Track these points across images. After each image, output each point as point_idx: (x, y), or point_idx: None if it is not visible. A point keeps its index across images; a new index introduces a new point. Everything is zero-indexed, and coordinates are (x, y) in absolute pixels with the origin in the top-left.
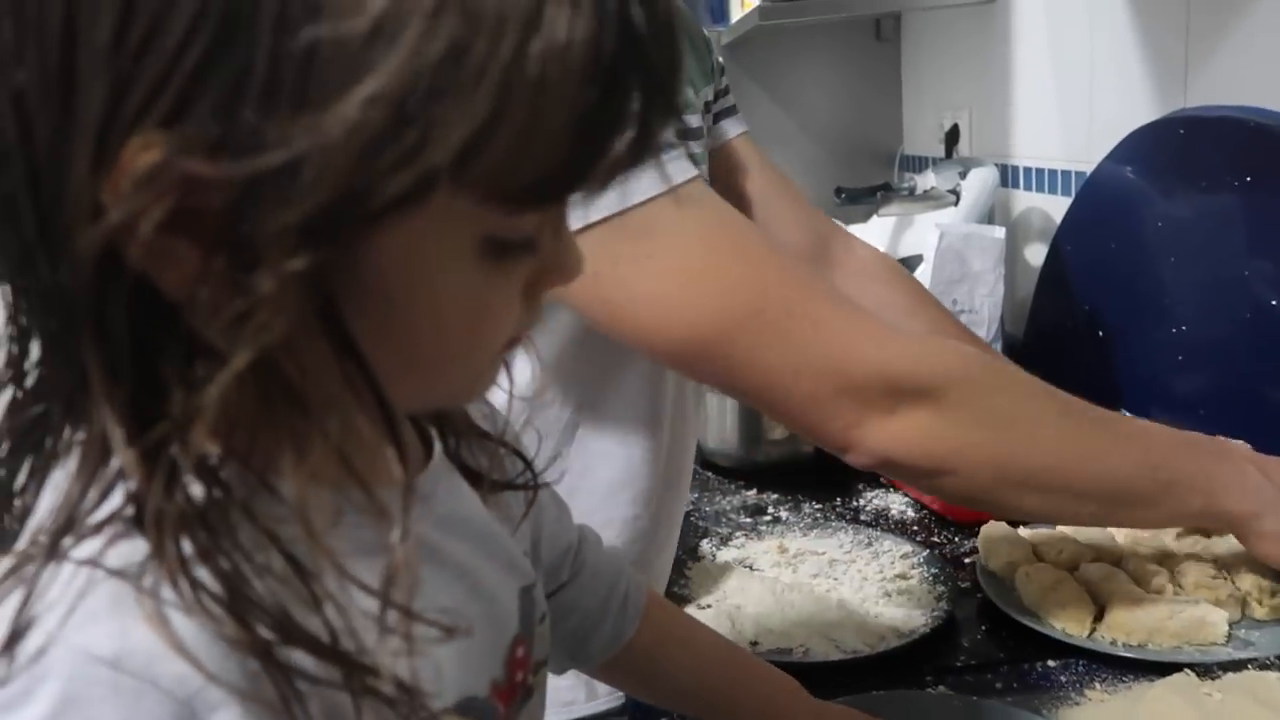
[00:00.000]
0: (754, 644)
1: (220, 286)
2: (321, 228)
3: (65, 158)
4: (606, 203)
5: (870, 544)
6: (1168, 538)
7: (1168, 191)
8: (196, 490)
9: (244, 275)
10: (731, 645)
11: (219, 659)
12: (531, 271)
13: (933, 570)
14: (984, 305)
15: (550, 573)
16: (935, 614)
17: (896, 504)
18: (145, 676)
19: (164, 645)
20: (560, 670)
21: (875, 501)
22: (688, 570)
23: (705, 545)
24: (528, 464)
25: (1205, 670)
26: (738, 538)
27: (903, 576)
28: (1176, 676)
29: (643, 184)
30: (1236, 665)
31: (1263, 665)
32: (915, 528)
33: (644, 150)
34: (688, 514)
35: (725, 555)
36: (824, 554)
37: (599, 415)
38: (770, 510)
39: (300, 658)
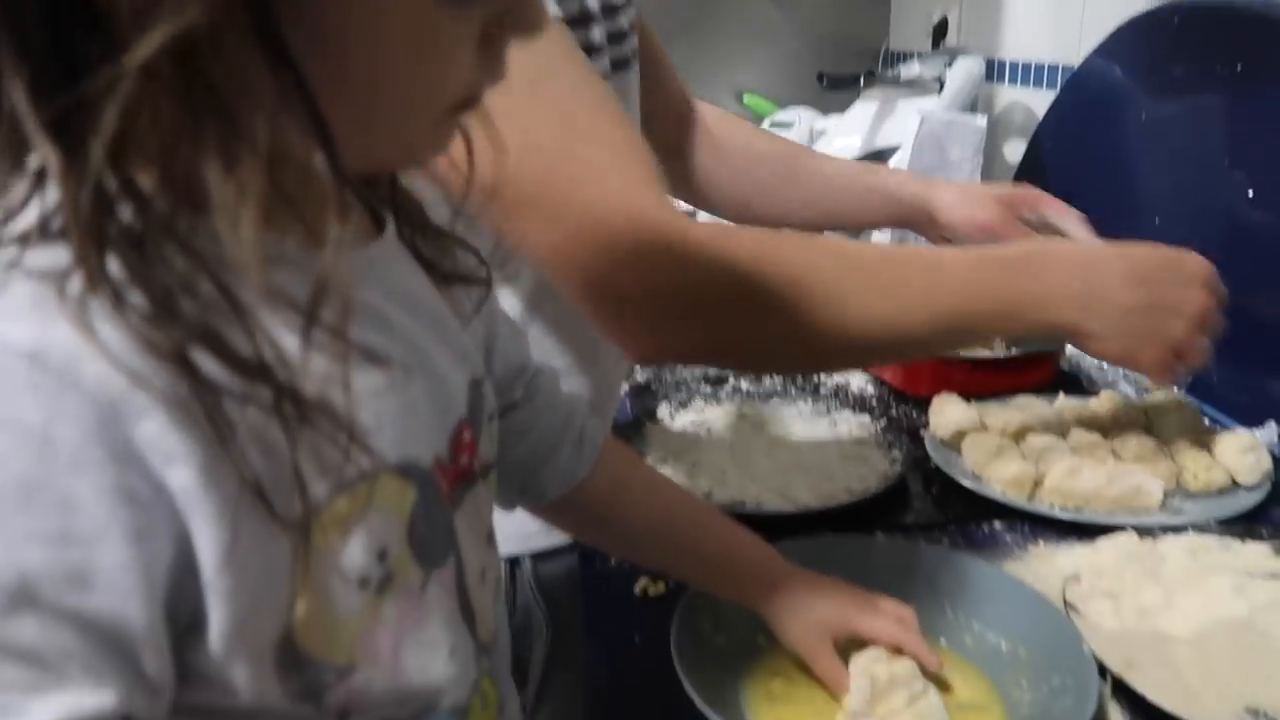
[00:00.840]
0: (707, 495)
1: None
2: None
3: None
4: None
5: (829, 413)
6: (1110, 415)
7: (1155, 85)
8: (126, 214)
9: None
10: (694, 497)
11: (144, 366)
12: (490, 18)
13: (887, 438)
14: None
15: (501, 388)
16: (887, 477)
17: (856, 381)
18: (66, 374)
19: (86, 345)
20: (509, 506)
21: (835, 378)
22: (645, 430)
23: (663, 409)
24: (480, 259)
25: (1146, 531)
26: (696, 402)
27: (858, 443)
28: (1120, 535)
29: None
30: (1177, 529)
31: (1202, 530)
32: (873, 402)
33: None
34: (646, 382)
35: (684, 419)
36: (783, 421)
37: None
38: (731, 381)
39: (226, 377)
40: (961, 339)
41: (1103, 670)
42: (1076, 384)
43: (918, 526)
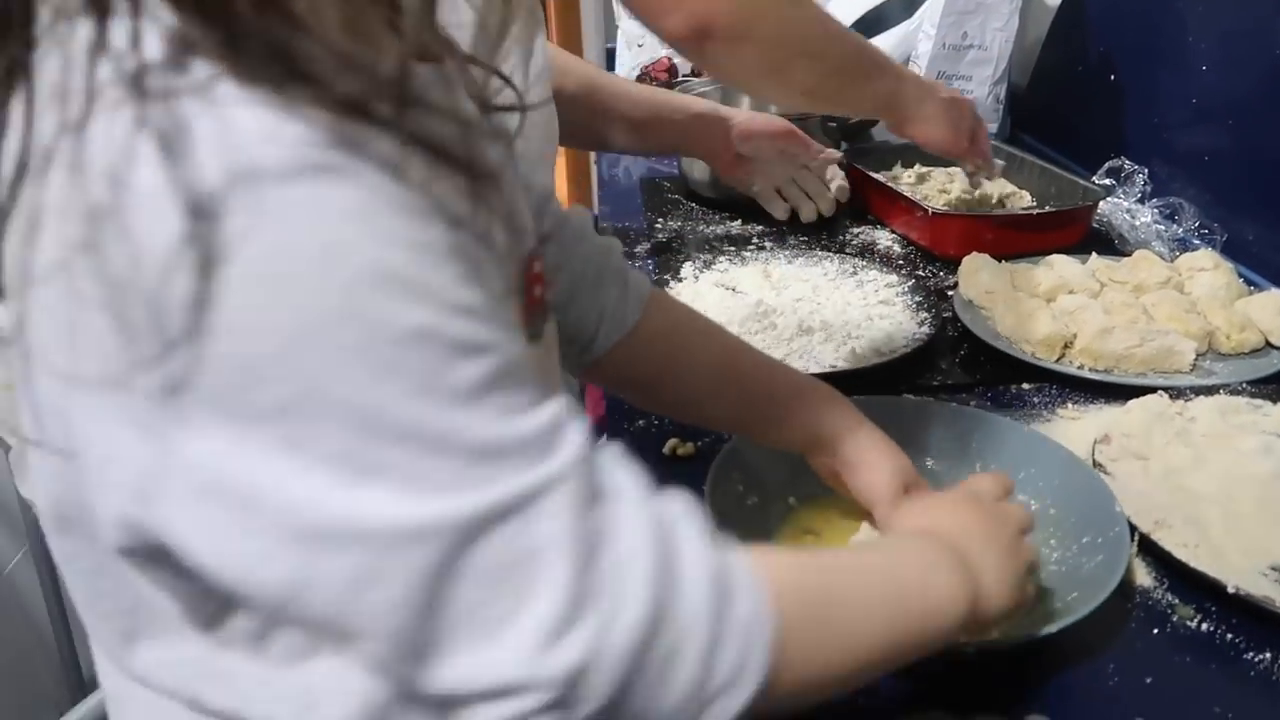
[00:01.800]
0: None
1: None
2: None
3: None
4: None
5: (855, 273)
6: (1143, 275)
7: None
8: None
9: None
10: (750, 345)
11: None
12: None
13: (915, 299)
14: (994, 41)
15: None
16: (915, 338)
17: (883, 239)
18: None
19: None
20: (571, 369)
21: (862, 236)
22: (670, 290)
23: (688, 268)
24: (509, 84)
25: (1177, 392)
26: (721, 262)
27: (886, 303)
28: (1149, 397)
29: None
30: (1208, 390)
31: (1233, 391)
32: (900, 261)
33: None
34: (668, 240)
35: (709, 278)
36: (808, 280)
37: None
38: (755, 240)
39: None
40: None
41: (1131, 529)
42: (1109, 244)
43: (945, 388)
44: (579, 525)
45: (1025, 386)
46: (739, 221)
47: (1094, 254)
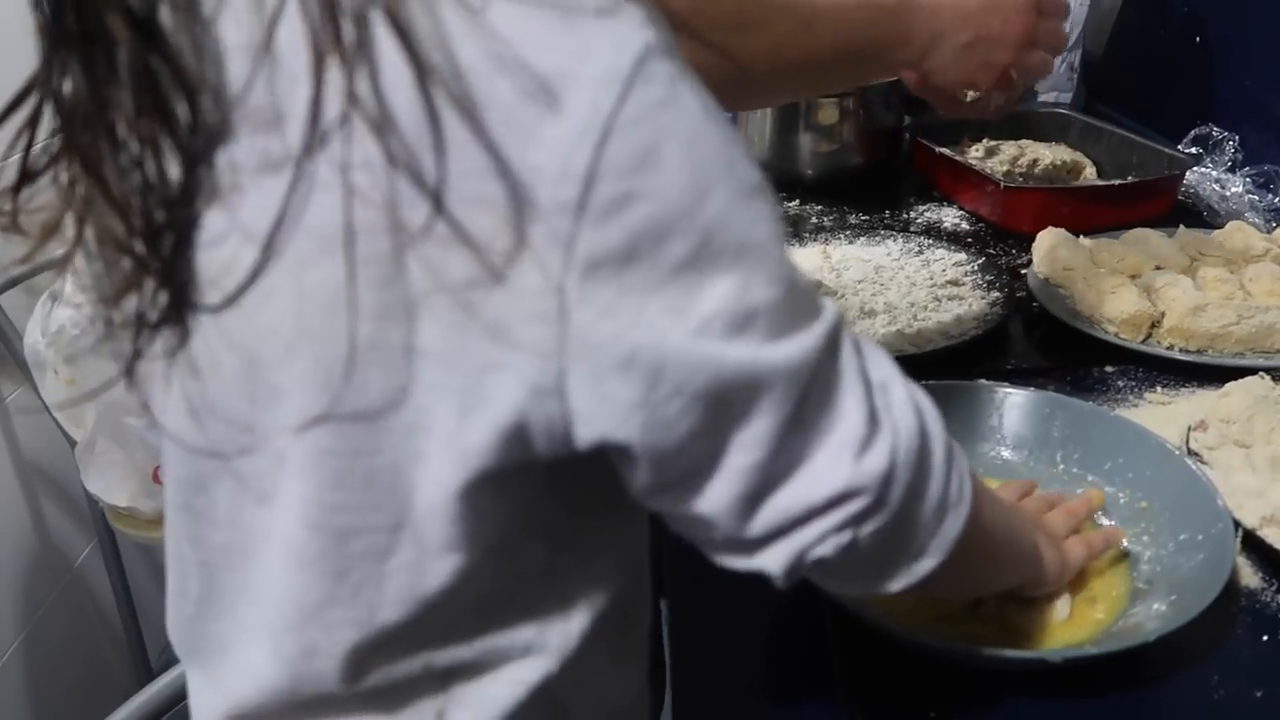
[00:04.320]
0: None
1: None
2: None
3: None
4: None
5: (921, 252)
6: (1238, 247)
7: None
8: None
9: None
10: None
11: None
12: None
13: (986, 278)
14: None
15: None
16: (986, 319)
17: (950, 216)
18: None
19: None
20: None
21: (927, 214)
22: None
23: None
24: None
25: None
26: None
27: (954, 283)
28: (1249, 379)
29: None
30: None
31: None
32: (969, 239)
33: None
34: None
35: None
36: (870, 261)
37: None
38: (815, 220)
39: None
40: (839, 70)
41: (1234, 525)
42: (1197, 217)
43: (1020, 372)
44: (858, 360)
45: (1108, 369)
46: (796, 201)
47: (1181, 226)
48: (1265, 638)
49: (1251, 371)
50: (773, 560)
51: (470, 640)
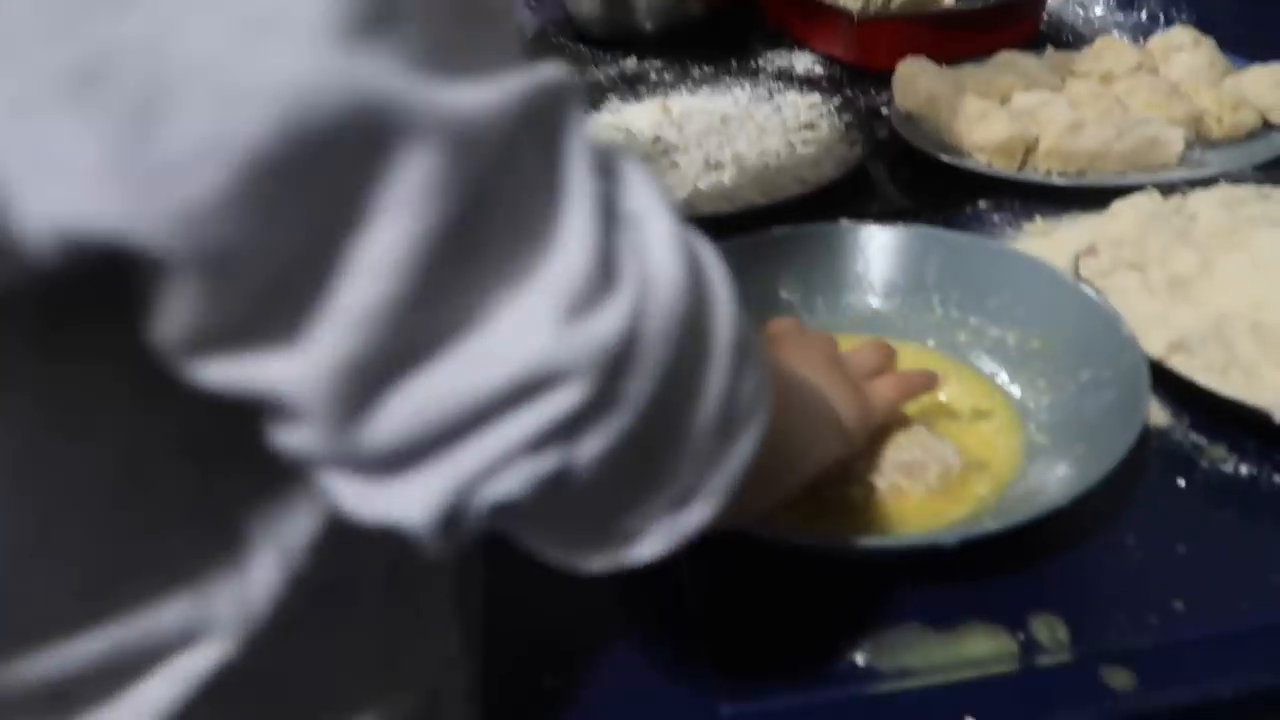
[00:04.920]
0: None
1: None
2: None
3: None
4: None
5: (771, 97)
6: (1110, 62)
7: None
8: None
9: None
10: None
11: None
12: None
13: (845, 118)
14: None
15: None
16: (847, 161)
17: (803, 61)
18: None
19: None
20: None
21: (778, 61)
22: None
23: None
24: None
25: (1169, 188)
26: (611, 101)
27: (809, 126)
28: (1137, 196)
29: None
30: (1205, 182)
31: (1235, 180)
32: (825, 82)
33: None
34: None
35: (595, 121)
36: (715, 112)
37: None
38: (654, 76)
39: None
40: None
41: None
42: (1061, 42)
43: (886, 215)
44: (595, 173)
45: (982, 205)
46: (633, 59)
47: (1050, 47)
48: (1182, 481)
49: (1140, 188)
50: (413, 500)
51: (84, 635)
